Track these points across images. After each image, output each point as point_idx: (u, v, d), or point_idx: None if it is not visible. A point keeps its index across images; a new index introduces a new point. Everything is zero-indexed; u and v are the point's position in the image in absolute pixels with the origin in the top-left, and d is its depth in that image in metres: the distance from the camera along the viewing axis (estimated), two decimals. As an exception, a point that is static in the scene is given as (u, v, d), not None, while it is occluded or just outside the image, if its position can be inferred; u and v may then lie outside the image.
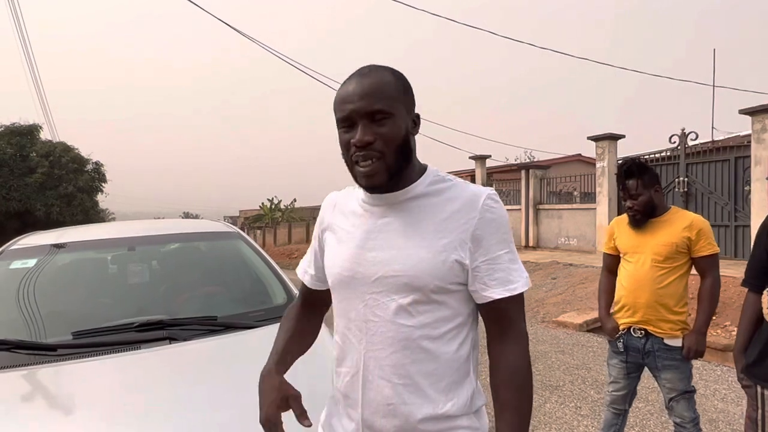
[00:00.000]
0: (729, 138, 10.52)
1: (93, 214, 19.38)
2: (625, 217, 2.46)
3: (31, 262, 2.37)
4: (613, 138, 10.87)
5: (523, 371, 1.01)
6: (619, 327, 2.43)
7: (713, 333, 5.60)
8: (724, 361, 5.00)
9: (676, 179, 9.71)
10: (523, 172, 13.43)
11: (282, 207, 33.11)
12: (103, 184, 19.80)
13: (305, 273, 1.27)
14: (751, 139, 8.39)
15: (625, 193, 2.35)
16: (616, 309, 2.47)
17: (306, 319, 1.25)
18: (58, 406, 1.61)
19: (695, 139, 9.55)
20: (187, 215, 49.64)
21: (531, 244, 13.01)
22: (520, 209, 13.38)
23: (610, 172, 10.68)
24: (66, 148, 18.40)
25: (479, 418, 1.06)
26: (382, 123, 0.99)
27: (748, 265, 1.89)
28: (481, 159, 15.32)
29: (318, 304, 1.28)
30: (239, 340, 1.98)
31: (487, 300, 1.01)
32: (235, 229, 3.06)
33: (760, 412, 1.73)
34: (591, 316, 6.30)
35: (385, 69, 1.04)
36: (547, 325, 6.42)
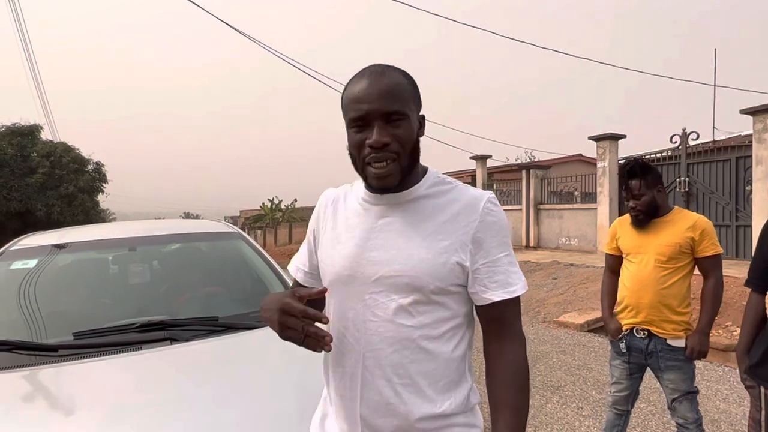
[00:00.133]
0: (730, 138, 10.51)
1: (94, 214, 19.39)
2: (627, 217, 2.45)
3: (31, 263, 2.37)
4: (614, 138, 10.86)
5: (523, 372, 1.02)
6: (622, 327, 2.43)
7: (714, 333, 5.59)
8: (725, 361, 4.99)
9: (677, 179, 9.70)
10: (523, 172, 13.43)
11: (283, 207, 33.12)
12: (103, 185, 19.79)
13: (298, 270, 1.24)
14: (752, 139, 8.39)
15: (628, 193, 2.34)
16: (619, 309, 2.46)
17: None
18: (59, 406, 1.61)
19: (696, 139, 9.54)
20: (187, 215, 49.63)
21: (532, 244, 13.00)
22: (520, 209, 13.38)
23: (611, 172, 10.67)
24: (67, 149, 18.40)
25: (475, 416, 1.08)
26: (398, 124, 0.98)
27: (752, 266, 1.88)
28: (481, 159, 15.33)
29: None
30: (240, 341, 1.97)
31: (487, 302, 1.02)
32: (236, 229, 3.06)
33: (763, 412, 1.72)
34: (592, 316, 6.29)
35: (397, 69, 1.03)
36: (548, 325, 6.41)
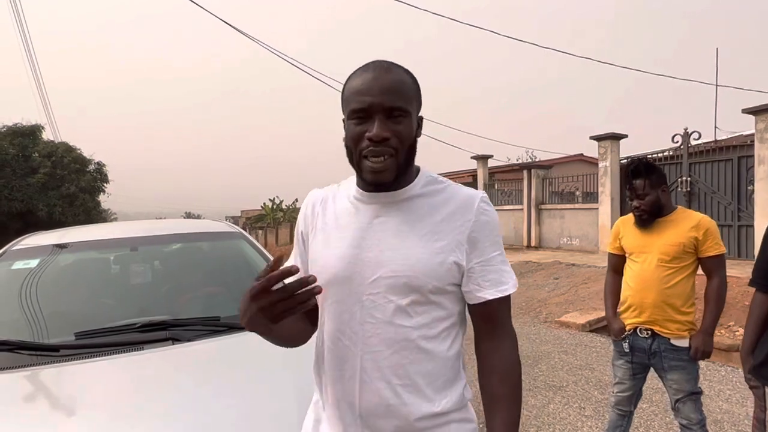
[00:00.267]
0: (732, 137, 10.49)
1: (95, 214, 19.41)
2: (630, 217, 2.45)
3: (33, 263, 2.37)
4: (616, 138, 10.84)
5: (516, 368, 1.04)
6: (625, 327, 2.42)
7: (717, 333, 5.57)
8: (728, 361, 4.98)
9: (679, 179, 9.68)
10: (525, 172, 13.42)
11: (284, 207, 33.15)
12: (105, 185, 19.83)
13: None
14: (754, 139, 8.37)
15: (632, 193, 2.34)
16: (623, 309, 2.45)
17: (293, 321, 1.08)
18: (61, 407, 1.60)
19: (698, 138, 9.52)
20: (188, 215, 49.71)
21: (533, 244, 12.99)
22: (522, 209, 13.38)
23: (612, 172, 10.66)
24: (68, 149, 18.43)
25: (468, 411, 1.09)
26: (399, 121, 0.98)
27: (756, 265, 1.87)
28: (483, 159, 15.32)
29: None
30: (242, 341, 1.96)
31: (481, 300, 1.03)
32: (237, 229, 3.05)
33: (768, 413, 1.71)
34: (594, 316, 6.28)
35: (402, 68, 1.03)
36: (550, 325, 6.40)
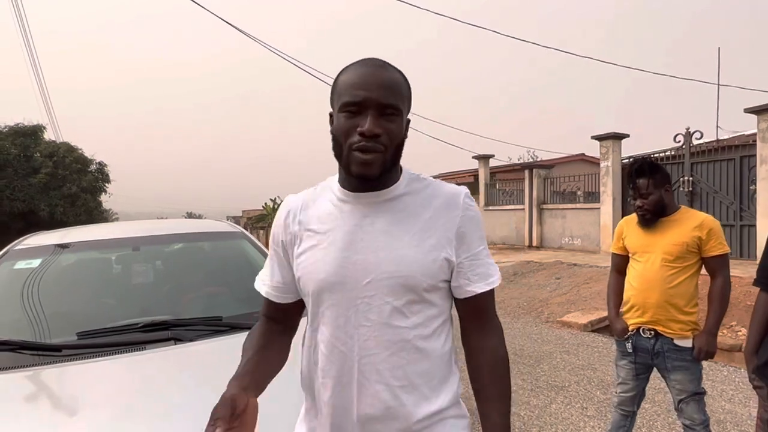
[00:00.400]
0: (734, 137, 10.48)
1: (96, 214, 19.43)
2: (634, 216, 2.44)
3: (35, 263, 2.36)
4: (617, 137, 10.83)
5: (505, 360, 1.06)
6: (628, 327, 2.41)
7: (720, 333, 5.54)
8: (730, 361, 4.97)
9: (681, 178, 9.66)
10: (526, 172, 13.41)
11: (284, 207, 33.12)
12: (106, 185, 19.85)
13: (263, 284, 1.16)
14: (756, 138, 8.35)
15: (635, 192, 2.33)
16: (626, 309, 2.44)
17: (273, 338, 1.12)
18: (63, 406, 1.60)
19: (700, 138, 9.51)
20: (190, 215, 49.69)
21: (534, 244, 12.98)
22: (523, 209, 13.38)
23: (614, 172, 10.65)
24: (69, 149, 18.45)
25: (461, 406, 1.10)
26: (391, 119, 0.98)
27: (761, 265, 1.86)
28: (484, 159, 15.31)
29: (282, 319, 1.15)
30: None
31: (470, 294, 1.04)
32: (239, 228, 3.05)
33: (772, 413, 1.70)
34: (596, 316, 6.27)
35: (395, 67, 1.04)
36: (552, 325, 6.39)
